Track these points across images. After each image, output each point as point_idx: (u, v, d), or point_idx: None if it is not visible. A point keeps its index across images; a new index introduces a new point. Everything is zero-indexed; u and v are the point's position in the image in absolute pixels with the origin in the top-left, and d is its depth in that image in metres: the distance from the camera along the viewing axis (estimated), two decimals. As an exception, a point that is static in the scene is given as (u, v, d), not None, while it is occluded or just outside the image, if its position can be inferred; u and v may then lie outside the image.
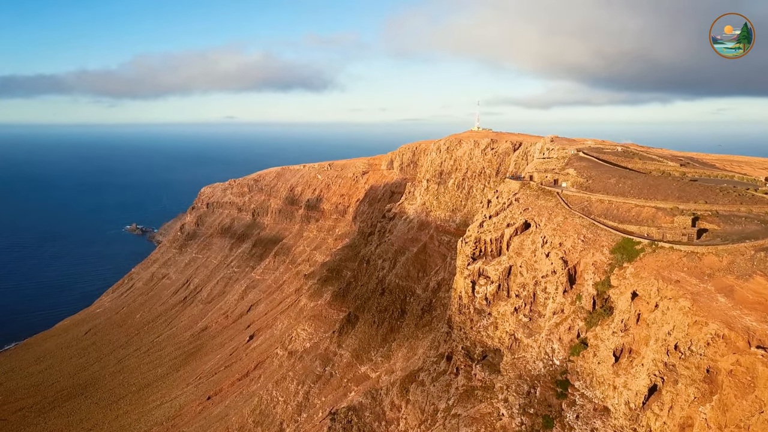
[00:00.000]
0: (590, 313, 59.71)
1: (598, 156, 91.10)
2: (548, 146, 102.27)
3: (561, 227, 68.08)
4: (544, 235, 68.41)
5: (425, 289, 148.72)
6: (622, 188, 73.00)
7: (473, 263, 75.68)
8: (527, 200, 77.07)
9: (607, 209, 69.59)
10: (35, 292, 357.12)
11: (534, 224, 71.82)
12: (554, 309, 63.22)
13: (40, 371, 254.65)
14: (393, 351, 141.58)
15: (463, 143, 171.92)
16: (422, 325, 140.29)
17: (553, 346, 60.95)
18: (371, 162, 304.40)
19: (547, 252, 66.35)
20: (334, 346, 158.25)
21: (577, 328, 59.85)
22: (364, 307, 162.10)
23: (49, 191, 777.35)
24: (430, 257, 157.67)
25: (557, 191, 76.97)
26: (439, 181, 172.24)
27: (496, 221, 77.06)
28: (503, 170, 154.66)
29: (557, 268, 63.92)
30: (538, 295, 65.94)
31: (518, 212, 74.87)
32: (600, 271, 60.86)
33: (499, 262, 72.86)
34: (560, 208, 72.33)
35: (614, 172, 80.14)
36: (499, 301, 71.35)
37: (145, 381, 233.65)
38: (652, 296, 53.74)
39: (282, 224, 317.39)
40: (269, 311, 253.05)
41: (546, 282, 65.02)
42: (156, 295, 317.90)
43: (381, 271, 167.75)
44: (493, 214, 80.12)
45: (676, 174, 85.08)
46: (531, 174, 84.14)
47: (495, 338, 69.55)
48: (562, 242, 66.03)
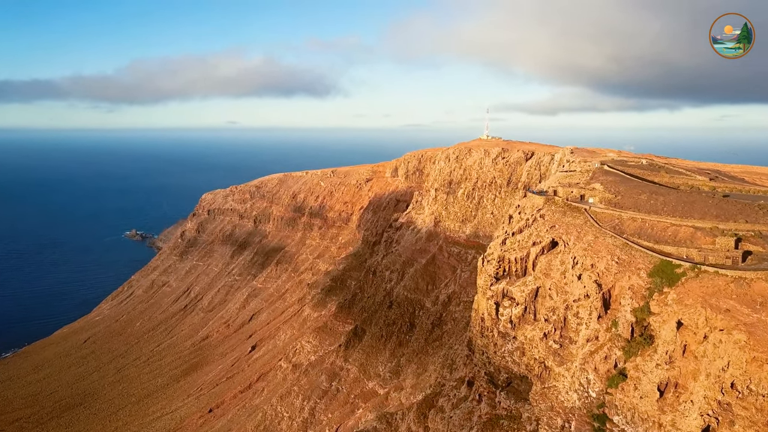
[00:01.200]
0: (628, 342, 55.77)
1: (623, 169, 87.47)
2: (568, 158, 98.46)
3: (592, 247, 64.24)
4: (574, 255, 64.54)
5: (435, 303, 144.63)
6: (654, 205, 69.18)
7: (496, 283, 71.72)
8: (553, 217, 73.18)
9: (641, 228, 65.75)
10: (33, 299, 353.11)
11: (562, 243, 67.95)
12: (588, 336, 59.28)
13: (38, 380, 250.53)
14: (402, 367, 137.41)
15: (473, 152, 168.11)
16: (432, 340, 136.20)
17: (589, 377, 57.00)
18: (375, 169, 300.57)
19: (578, 274, 62.47)
20: (341, 360, 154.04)
21: (615, 358, 55.90)
22: (371, 320, 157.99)
23: (47, 196, 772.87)
24: (439, 269, 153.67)
25: (585, 207, 73.10)
26: (448, 191, 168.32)
27: (520, 239, 73.13)
28: (514, 180, 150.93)
29: (591, 291, 60.04)
30: (570, 320, 62.01)
31: (544, 230, 70.98)
32: (638, 296, 56.97)
33: (525, 283, 68.91)
34: (590, 226, 68.48)
35: (644, 188, 76.31)
36: (525, 325, 67.38)
37: (145, 391, 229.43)
38: (699, 326, 49.83)
39: (284, 232, 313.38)
40: (271, 321, 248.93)
41: (578, 306, 61.13)
42: (156, 303, 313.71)
43: (388, 283, 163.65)
44: (516, 231, 76.20)
45: (705, 189, 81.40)
46: (555, 188, 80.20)
47: (522, 364, 65.59)
48: (594, 263, 62.16)
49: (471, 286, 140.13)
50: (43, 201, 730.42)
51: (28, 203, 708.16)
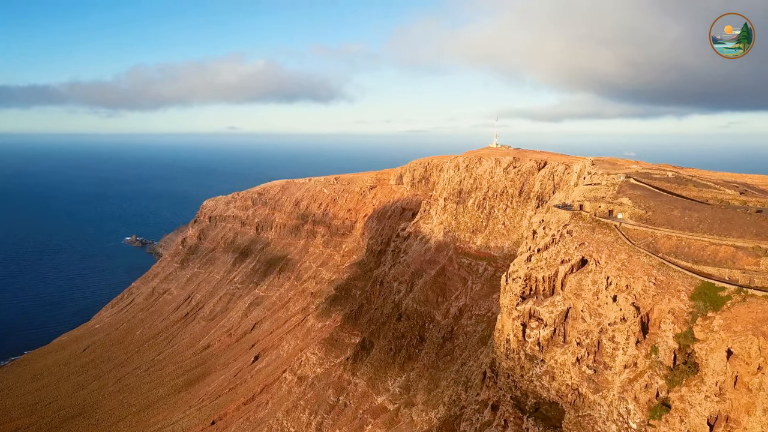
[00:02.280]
0: (671, 370, 52.43)
1: (650, 182, 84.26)
2: (589, 170, 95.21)
3: (626, 266, 60.98)
4: (607, 275, 61.24)
5: (445, 316, 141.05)
6: (689, 222, 65.97)
7: (523, 303, 68.37)
8: (581, 233, 69.89)
9: (677, 246, 62.49)
10: (32, 306, 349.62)
11: (593, 261, 64.64)
12: (626, 362, 55.95)
13: (37, 389, 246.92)
14: (412, 382, 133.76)
15: (483, 161, 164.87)
16: (443, 355, 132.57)
17: (628, 406, 53.63)
18: (379, 176, 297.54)
19: (613, 295, 59.16)
20: (348, 373, 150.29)
21: (656, 387, 52.57)
22: (379, 333, 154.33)
23: (47, 202, 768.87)
24: (449, 281, 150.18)
25: (615, 224, 69.87)
26: (458, 200, 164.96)
27: (546, 256, 69.83)
28: (526, 190, 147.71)
29: (628, 314, 56.74)
30: (604, 345, 58.65)
31: (573, 247, 67.67)
32: (680, 320, 53.67)
33: (553, 303, 65.58)
34: (622, 244, 65.21)
35: (675, 203, 73.04)
36: (554, 348, 64.05)
37: (145, 402, 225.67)
38: (752, 356, 46.53)
39: (287, 239, 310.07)
40: (274, 330, 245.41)
41: (614, 330, 57.79)
42: (157, 311, 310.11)
43: (397, 294, 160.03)
44: (542, 247, 72.88)
45: (735, 203, 78.20)
46: (580, 203, 76.97)
47: (552, 390, 62.19)
48: (629, 284, 58.89)
49: (483, 299, 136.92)
50: (43, 206, 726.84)
51: (28, 209, 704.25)
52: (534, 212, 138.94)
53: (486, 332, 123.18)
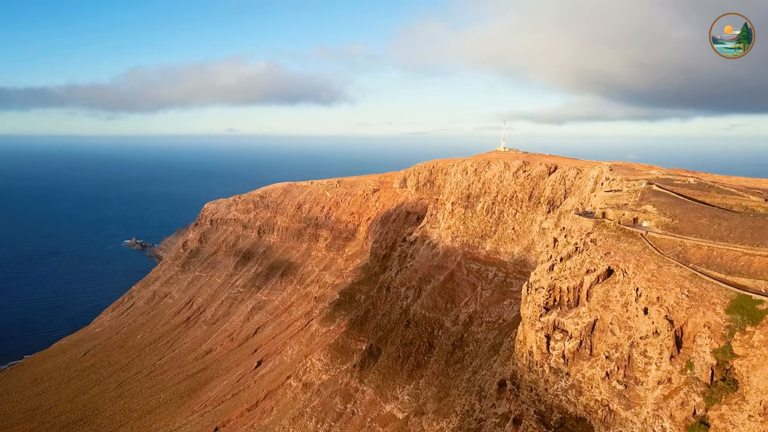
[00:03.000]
0: (709, 387, 50.37)
1: (672, 189, 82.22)
2: (607, 175, 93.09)
3: (656, 277, 58.89)
4: (636, 286, 59.16)
5: (455, 322, 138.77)
6: (719, 231, 63.86)
7: (546, 314, 66.25)
8: (606, 242, 67.75)
9: (708, 257, 60.40)
10: (32, 310, 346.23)
11: (620, 272, 62.53)
12: (659, 378, 53.85)
13: (37, 394, 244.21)
14: (421, 389, 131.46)
15: (492, 165, 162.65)
16: (453, 362, 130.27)
17: (664, 424, 51.49)
18: (382, 179, 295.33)
19: (644, 307, 57.08)
20: (355, 381, 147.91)
21: (693, 404, 50.47)
22: (386, 339, 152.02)
23: (46, 204, 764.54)
24: (458, 286, 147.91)
25: (641, 232, 67.76)
26: (466, 205, 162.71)
27: (570, 266, 67.67)
28: (536, 195, 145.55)
29: (661, 328, 54.63)
30: (635, 359, 56.53)
31: (598, 256, 65.53)
32: (717, 335, 51.60)
33: (579, 315, 63.46)
34: (650, 254, 63.08)
35: (702, 211, 70.94)
36: (580, 361, 61.92)
37: (147, 407, 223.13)
38: (798, 374, 44.51)
39: (289, 243, 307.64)
40: (277, 335, 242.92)
41: (646, 344, 55.67)
42: (158, 314, 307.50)
43: (404, 300, 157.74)
44: (565, 256, 70.71)
45: (761, 210, 76.22)
46: (603, 210, 74.86)
47: (579, 405, 60.03)
48: (660, 296, 56.81)
49: (493, 306, 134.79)
50: (42, 209, 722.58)
51: (27, 211, 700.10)
52: (545, 217, 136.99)
53: (497, 340, 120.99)
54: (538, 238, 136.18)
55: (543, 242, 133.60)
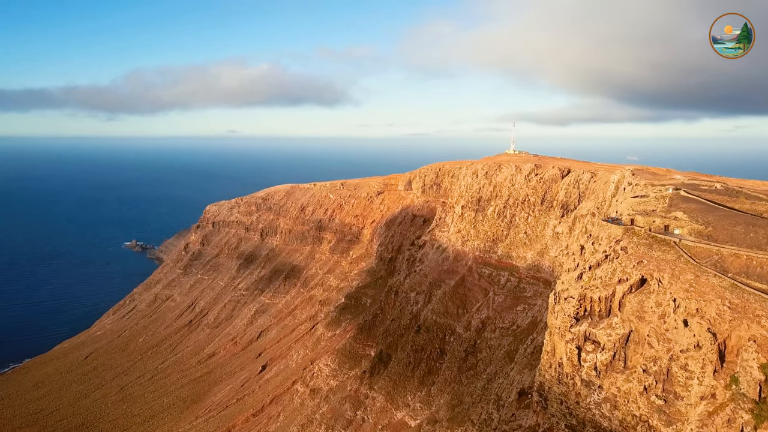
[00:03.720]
0: (757, 404, 48.35)
1: (700, 195, 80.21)
2: (630, 180, 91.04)
3: (695, 288, 56.86)
4: (674, 296, 57.09)
5: (467, 328, 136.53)
6: (755, 239, 61.87)
7: (577, 325, 64.13)
8: (638, 250, 65.68)
9: (747, 266, 58.40)
10: (31, 313, 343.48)
11: (654, 281, 60.44)
12: (702, 393, 51.81)
13: (38, 398, 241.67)
14: (433, 396, 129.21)
15: (503, 168, 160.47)
16: (466, 369, 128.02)
17: (709, 443, 49.57)
18: (386, 182, 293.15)
19: (683, 319, 55.04)
20: (365, 387, 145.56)
21: (741, 422, 48.46)
22: (396, 345, 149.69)
23: (45, 206, 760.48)
24: (469, 291, 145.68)
25: (674, 240, 65.71)
26: (477, 209, 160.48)
27: (601, 275, 65.55)
28: (549, 198, 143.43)
29: (703, 341, 52.57)
30: (675, 373, 54.45)
31: (630, 265, 63.42)
32: (764, 349, 49.57)
33: (611, 326, 61.33)
34: (685, 263, 61.03)
35: (735, 218, 68.94)
36: (613, 373, 59.82)
37: (150, 412, 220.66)
38: None
39: (292, 245, 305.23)
40: (281, 339, 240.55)
41: (687, 358, 53.62)
42: (160, 317, 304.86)
43: (414, 306, 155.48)
44: (594, 264, 68.63)
45: (791, 217, 74.18)
46: (631, 217, 72.79)
47: (614, 420, 57.92)
48: (700, 308, 54.76)
49: (506, 311, 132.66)
50: (42, 211, 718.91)
51: (26, 213, 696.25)
52: (558, 221, 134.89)
53: (512, 346, 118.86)
54: (551, 242, 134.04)
55: (557, 247, 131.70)
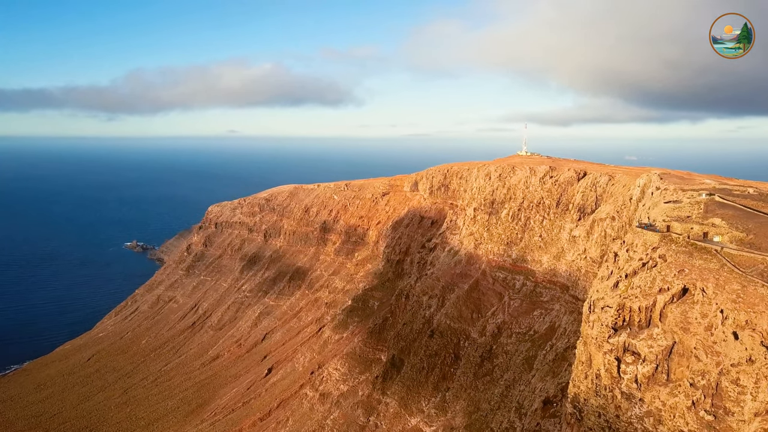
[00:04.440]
0: (818, 422, 46.43)
1: (736, 201, 78.32)
2: (658, 185, 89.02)
3: (742, 299, 54.86)
4: (721, 307, 55.07)
5: (482, 333, 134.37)
6: (801, 247, 59.97)
7: (615, 335, 62.05)
8: (678, 258, 63.62)
9: (796, 276, 56.44)
10: (32, 314, 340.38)
11: (698, 291, 58.38)
12: (756, 409, 49.84)
13: (40, 400, 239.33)
14: (449, 402, 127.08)
15: (517, 170, 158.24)
16: (482, 375, 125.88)
17: (766, 463, 47.58)
18: (391, 183, 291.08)
19: (732, 331, 53.04)
20: (378, 392, 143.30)
21: (800, 440, 46.54)
22: (409, 350, 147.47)
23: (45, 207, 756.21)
24: (484, 295, 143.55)
25: (715, 248, 63.71)
26: (490, 211, 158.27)
27: (640, 284, 63.47)
28: (565, 201, 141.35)
29: (756, 355, 50.57)
30: (726, 388, 52.46)
31: (671, 274, 61.34)
32: (822, 364, 47.66)
33: (652, 337, 59.25)
34: (729, 272, 58.99)
35: (777, 224, 67.09)
36: (656, 386, 57.75)
37: (154, 415, 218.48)
38: None
39: (296, 247, 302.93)
40: (287, 341, 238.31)
41: (738, 372, 51.67)
42: (162, 319, 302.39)
43: (427, 310, 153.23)
44: (630, 273, 66.61)
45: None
46: (667, 223, 70.78)
47: (658, 435, 55.92)
48: (750, 320, 52.74)
49: (523, 316, 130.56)
50: (42, 211, 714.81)
51: (27, 214, 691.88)
52: (575, 225, 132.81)
53: (531, 353, 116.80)
54: (568, 246, 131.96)
55: (574, 250, 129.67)
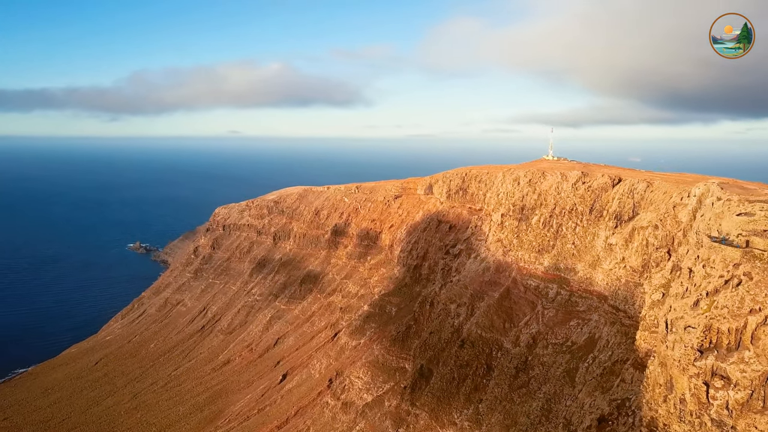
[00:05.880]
0: None
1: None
2: (718, 195, 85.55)
3: None
4: (825, 331, 51.76)
5: (516, 344, 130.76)
6: None
7: (702, 358, 58.57)
8: (765, 277, 60.24)
9: None
10: (35, 318, 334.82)
11: (794, 312, 55.10)
12: None
13: (48, 405, 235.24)
14: (482, 415, 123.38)
15: (548, 175, 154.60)
16: (518, 387, 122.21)
17: None
18: (404, 185, 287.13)
19: (842, 358, 49.74)
20: (407, 403, 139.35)
21: None
22: (438, 359, 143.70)
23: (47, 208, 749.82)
24: (515, 304, 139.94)
25: (806, 266, 60.27)
26: (520, 217, 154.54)
27: (727, 303, 59.96)
28: (598, 208, 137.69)
29: None
30: (838, 419, 49.27)
31: (762, 294, 57.89)
32: None
33: (744, 360, 55.78)
34: (826, 292, 55.70)
35: None
36: (750, 414, 54.31)
37: (166, 421, 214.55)
38: None
39: (306, 250, 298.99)
40: (300, 347, 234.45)
41: None
42: (171, 323, 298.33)
43: (455, 319, 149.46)
44: (712, 291, 63.12)
45: None
46: (746, 238, 67.22)
47: (758, 467, 52.53)
48: None
49: (558, 326, 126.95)
50: (43, 213, 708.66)
51: (27, 215, 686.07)
52: (612, 232, 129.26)
53: (571, 365, 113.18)
54: (603, 254, 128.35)
55: (611, 259, 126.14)
